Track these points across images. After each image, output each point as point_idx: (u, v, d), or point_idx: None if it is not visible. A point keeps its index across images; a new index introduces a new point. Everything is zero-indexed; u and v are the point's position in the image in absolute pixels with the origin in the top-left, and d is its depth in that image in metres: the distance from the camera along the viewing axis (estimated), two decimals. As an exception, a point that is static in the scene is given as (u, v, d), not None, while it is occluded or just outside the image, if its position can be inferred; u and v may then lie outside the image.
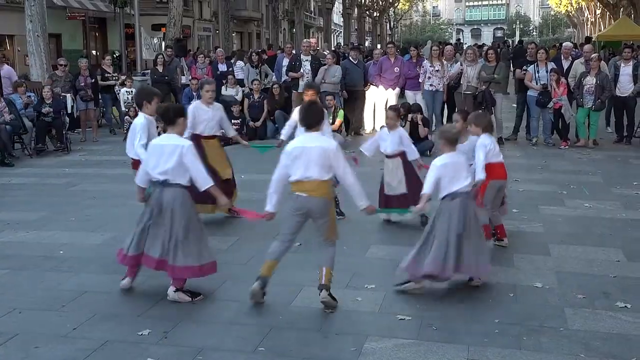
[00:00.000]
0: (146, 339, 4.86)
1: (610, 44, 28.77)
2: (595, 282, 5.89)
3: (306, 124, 5.35)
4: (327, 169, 5.22)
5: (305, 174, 5.19)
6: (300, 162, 5.20)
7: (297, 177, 5.22)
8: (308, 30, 60.47)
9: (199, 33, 41.23)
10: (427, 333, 4.91)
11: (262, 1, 50.27)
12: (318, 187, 5.22)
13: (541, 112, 12.85)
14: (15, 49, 25.91)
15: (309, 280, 5.70)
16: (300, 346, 4.74)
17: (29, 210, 8.69)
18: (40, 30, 17.06)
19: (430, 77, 13.60)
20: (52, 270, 6.40)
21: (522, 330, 4.92)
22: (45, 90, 13.28)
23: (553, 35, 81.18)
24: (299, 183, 5.23)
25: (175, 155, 5.41)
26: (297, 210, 5.31)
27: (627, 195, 8.99)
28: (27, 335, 4.96)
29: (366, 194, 5.45)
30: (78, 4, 29.34)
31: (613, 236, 7.22)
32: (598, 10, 49.12)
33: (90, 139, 14.62)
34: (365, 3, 58.32)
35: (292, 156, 5.24)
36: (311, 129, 5.31)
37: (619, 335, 4.86)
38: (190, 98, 14.61)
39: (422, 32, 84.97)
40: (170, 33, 22.68)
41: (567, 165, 11.21)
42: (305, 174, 5.19)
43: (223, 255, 6.74)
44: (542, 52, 13.27)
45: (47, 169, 11.70)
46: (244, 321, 5.20)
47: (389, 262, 6.30)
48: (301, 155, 5.20)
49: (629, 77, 13.02)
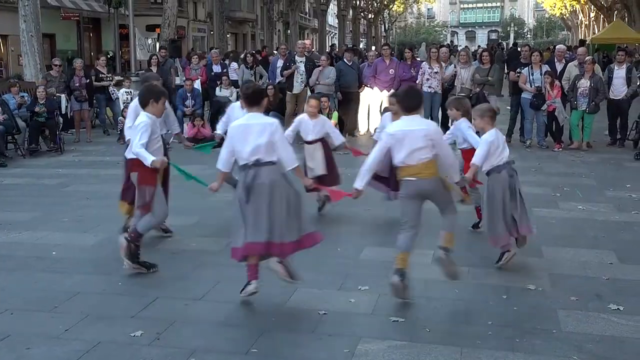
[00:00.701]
0: (139, 340, 4.85)
1: (604, 47, 28.89)
2: (588, 284, 5.90)
3: (406, 107, 5.43)
4: (430, 149, 5.32)
5: (410, 157, 5.29)
6: (402, 145, 5.29)
7: (402, 161, 5.33)
8: (303, 32, 60.56)
9: (193, 34, 41.22)
10: (420, 335, 4.90)
11: (256, 2, 50.31)
12: (426, 168, 5.32)
13: (535, 114, 12.88)
14: (9, 48, 25.88)
15: (302, 281, 5.69)
16: (293, 348, 4.74)
17: (22, 211, 8.66)
18: (34, 30, 17.04)
19: (429, 79, 13.57)
20: (44, 271, 6.38)
21: (515, 332, 4.92)
22: (39, 90, 13.25)
23: (547, 37, 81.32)
24: (406, 168, 5.34)
25: (265, 133, 5.31)
26: (411, 196, 5.40)
27: (620, 198, 9.01)
28: (19, 336, 4.94)
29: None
30: (72, 4, 29.31)
31: (606, 238, 7.24)
32: (592, 13, 49.32)
33: (84, 140, 14.58)
34: (360, 5, 58.38)
35: (395, 139, 5.33)
36: (411, 112, 5.40)
37: (611, 337, 4.86)
38: (184, 99, 14.62)
39: (416, 34, 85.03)
40: (164, 34, 22.67)
41: (561, 167, 11.23)
42: (410, 157, 5.29)
43: (216, 256, 6.74)
44: (536, 54, 13.29)
45: (41, 169, 11.67)
46: (237, 323, 5.19)
47: (383, 264, 6.29)
48: (404, 139, 5.28)
49: (622, 80, 13.05)
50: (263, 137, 5.30)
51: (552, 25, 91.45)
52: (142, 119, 6.16)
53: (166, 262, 6.51)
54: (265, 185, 5.27)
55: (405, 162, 5.32)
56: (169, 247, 7.04)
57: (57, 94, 14.02)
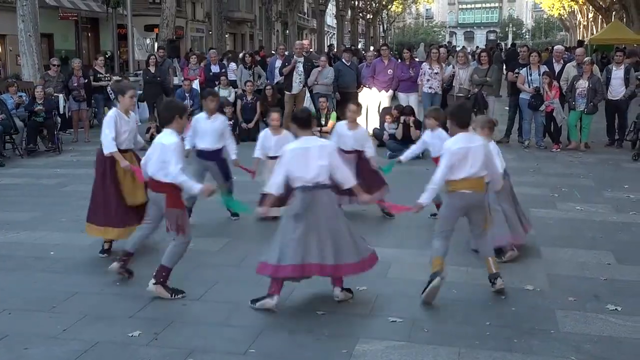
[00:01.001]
0: (137, 341, 4.85)
1: (602, 48, 28.89)
2: (586, 284, 5.90)
3: (461, 124, 5.63)
4: (486, 165, 5.60)
5: (471, 171, 5.52)
6: (466, 161, 5.50)
7: (464, 175, 5.51)
8: (301, 32, 60.55)
9: (191, 34, 41.20)
10: (418, 335, 4.91)
11: (255, 2, 50.29)
12: (480, 183, 5.62)
13: (533, 114, 12.89)
14: (7, 48, 25.85)
15: (300, 282, 5.70)
16: (292, 348, 4.74)
17: (20, 211, 8.66)
18: (32, 30, 17.01)
19: (429, 79, 13.53)
20: (43, 271, 6.38)
21: (513, 332, 4.93)
22: (37, 90, 13.24)
23: (546, 38, 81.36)
24: (465, 181, 5.53)
25: (324, 156, 5.37)
26: (460, 208, 5.64)
27: (618, 199, 9.02)
28: (17, 336, 4.94)
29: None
30: (70, 4, 29.28)
31: (604, 239, 7.25)
32: (590, 14, 49.32)
33: (82, 140, 14.57)
34: (358, 5, 58.39)
35: (459, 156, 5.50)
36: (465, 128, 5.61)
37: (609, 337, 4.87)
38: (182, 99, 14.60)
39: (415, 35, 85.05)
40: (162, 34, 22.67)
41: (559, 168, 11.24)
42: (471, 171, 5.52)
43: (214, 257, 6.74)
44: (534, 55, 13.30)
45: (39, 169, 11.66)
46: (235, 323, 5.19)
47: (381, 265, 6.29)
48: (467, 155, 5.50)
49: (620, 81, 13.06)
50: (323, 160, 5.36)
51: (550, 26, 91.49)
52: (171, 139, 5.59)
53: (164, 262, 6.51)
54: (325, 207, 5.37)
55: (465, 176, 5.53)
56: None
57: (55, 94, 14.01)
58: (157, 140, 5.71)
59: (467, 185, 5.52)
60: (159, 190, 5.65)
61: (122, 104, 6.72)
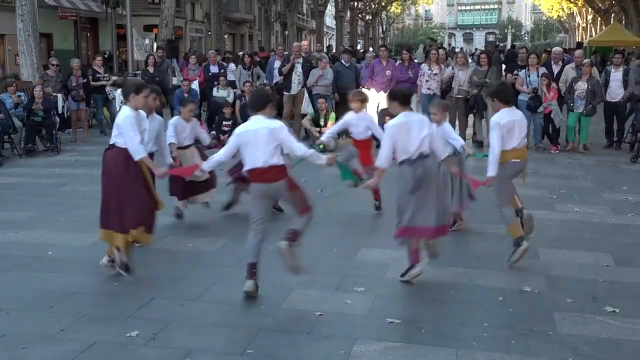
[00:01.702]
0: (134, 341, 4.84)
1: (601, 50, 28.93)
2: (584, 286, 5.91)
3: (506, 100, 6.29)
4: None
5: (518, 141, 6.25)
6: (514, 132, 6.20)
7: (514, 145, 6.22)
8: (300, 33, 60.53)
9: (191, 34, 41.18)
10: (416, 336, 4.91)
11: (254, 3, 50.29)
12: (525, 152, 6.42)
13: (532, 116, 12.86)
14: (6, 48, 25.85)
15: (298, 282, 5.70)
16: (289, 349, 4.74)
17: (18, 210, 8.64)
18: (31, 29, 17.01)
19: (428, 80, 13.52)
20: (40, 271, 6.37)
21: (511, 334, 4.93)
22: (36, 89, 13.24)
23: (545, 40, 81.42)
24: (514, 151, 6.24)
25: (425, 127, 5.82)
26: (511, 175, 6.39)
27: (616, 200, 9.02)
28: (15, 336, 4.93)
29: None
30: (69, 3, 29.29)
31: (602, 241, 7.25)
32: (589, 16, 49.39)
33: (81, 140, 14.56)
34: (357, 6, 58.38)
35: (507, 129, 6.15)
36: (508, 104, 6.29)
37: (607, 339, 4.87)
38: (181, 99, 14.58)
39: (414, 36, 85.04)
40: (162, 34, 22.68)
41: (558, 169, 11.25)
42: (518, 141, 6.25)
43: (212, 256, 6.74)
44: (533, 56, 13.31)
45: (37, 169, 11.65)
46: (233, 323, 5.18)
47: (379, 265, 6.30)
48: (514, 127, 6.20)
49: (619, 83, 13.08)
50: (424, 131, 5.79)
51: (549, 28, 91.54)
52: (274, 123, 5.53)
53: (163, 262, 6.52)
54: (433, 173, 5.87)
55: (514, 147, 6.21)
56: (166, 247, 7.03)
57: (53, 94, 14.00)
58: (250, 128, 5.48)
59: (516, 155, 6.23)
60: (278, 179, 5.49)
61: (135, 102, 6.08)
